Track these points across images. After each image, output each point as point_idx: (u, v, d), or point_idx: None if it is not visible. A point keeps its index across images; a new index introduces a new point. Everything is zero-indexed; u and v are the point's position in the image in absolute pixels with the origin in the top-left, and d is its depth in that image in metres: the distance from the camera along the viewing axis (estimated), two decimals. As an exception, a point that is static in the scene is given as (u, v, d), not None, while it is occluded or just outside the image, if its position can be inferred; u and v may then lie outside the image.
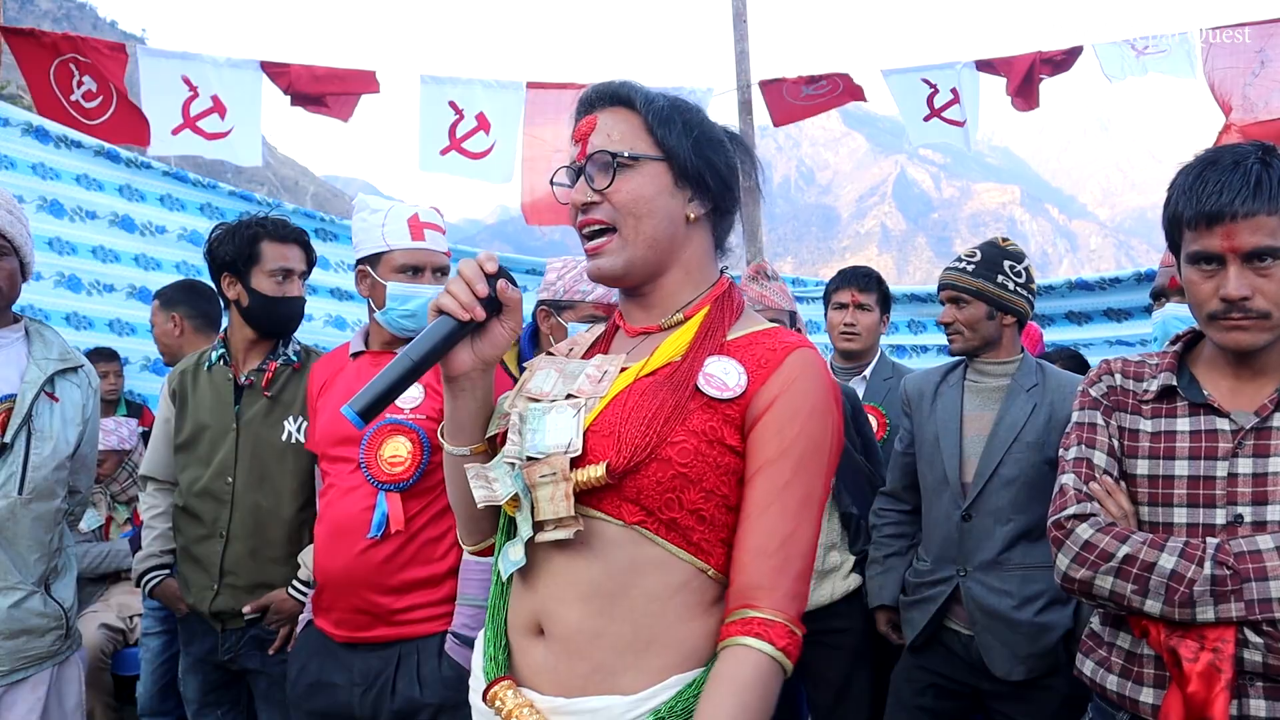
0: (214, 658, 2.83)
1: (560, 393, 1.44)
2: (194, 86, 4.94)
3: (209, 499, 2.79)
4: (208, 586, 2.77)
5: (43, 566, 2.43)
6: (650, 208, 1.44)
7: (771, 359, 1.40)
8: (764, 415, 1.36)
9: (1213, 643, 1.54)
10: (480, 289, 1.37)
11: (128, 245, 5.09)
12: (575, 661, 1.35)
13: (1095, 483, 1.74)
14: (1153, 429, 1.72)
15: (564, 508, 1.32)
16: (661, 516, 1.34)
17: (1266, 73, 4.78)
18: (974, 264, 2.80)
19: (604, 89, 1.49)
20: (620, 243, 1.44)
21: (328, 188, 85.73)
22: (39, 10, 50.59)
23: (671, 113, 1.46)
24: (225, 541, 2.75)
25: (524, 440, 1.39)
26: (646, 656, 1.33)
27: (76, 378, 2.54)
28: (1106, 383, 1.82)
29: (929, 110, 5.52)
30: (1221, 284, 1.60)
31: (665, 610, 1.34)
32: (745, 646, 1.29)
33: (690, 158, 1.46)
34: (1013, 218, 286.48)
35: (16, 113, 4.87)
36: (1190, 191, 1.63)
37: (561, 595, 1.37)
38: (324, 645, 2.40)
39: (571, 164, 1.49)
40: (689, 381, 1.38)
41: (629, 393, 1.39)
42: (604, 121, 1.47)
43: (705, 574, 1.37)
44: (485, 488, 1.39)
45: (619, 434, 1.34)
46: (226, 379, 2.86)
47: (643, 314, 1.53)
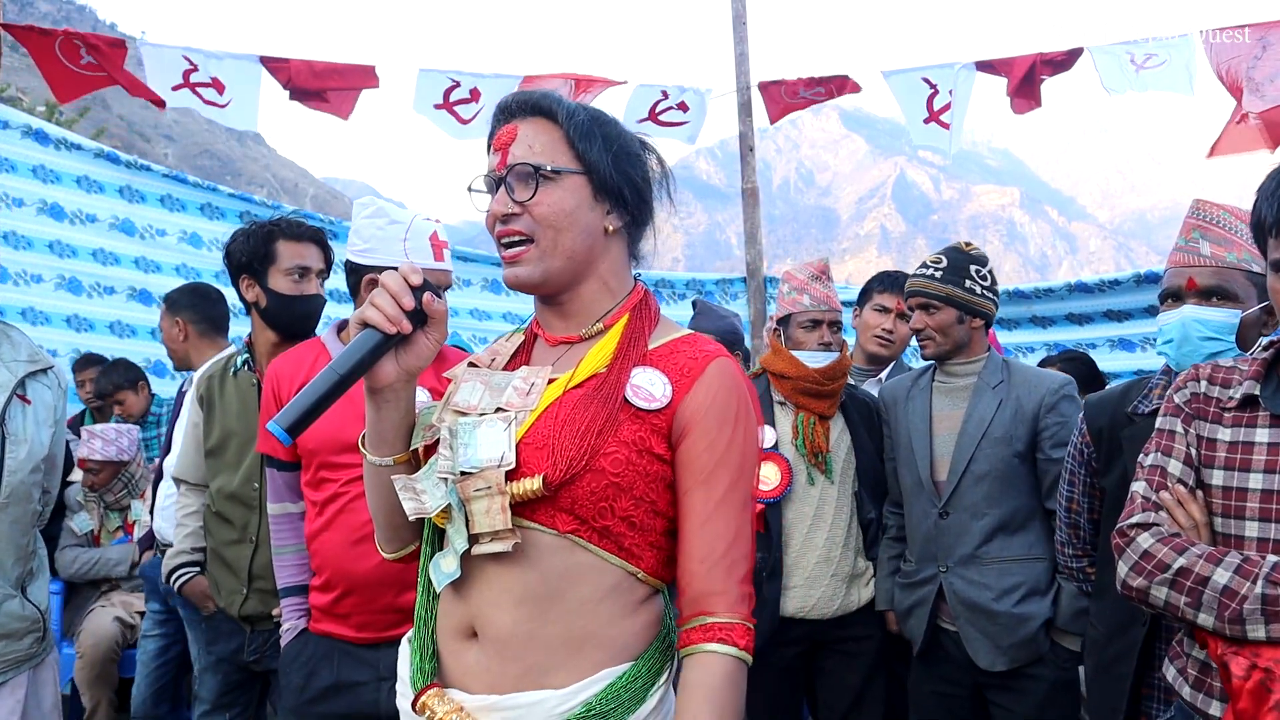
0: (237, 658, 2.85)
1: (489, 405, 1.45)
2: (194, 65, 4.94)
3: (239, 504, 2.81)
4: (237, 590, 2.79)
5: (19, 569, 2.41)
6: (570, 220, 1.45)
7: (693, 368, 1.45)
8: (692, 428, 1.42)
9: (1266, 661, 1.49)
10: (406, 302, 1.38)
11: (128, 248, 5.09)
12: (508, 663, 1.38)
13: (1166, 491, 1.68)
14: (1230, 439, 1.66)
15: (500, 520, 1.35)
16: (595, 525, 1.38)
17: (1268, 56, 4.79)
18: (941, 270, 2.83)
19: (525, 99, 1.49)
20: (538, 253, 1.45)
21: (327, 189, 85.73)
22: (38, 12, 50.66)
23: (592, 126, 1.48)
24: (255, 546, 2.77)
25: (456, 455, 1.40)
26: (579, 655, 1.38)
27: (47, 379, 2.52)
28: (1191, 389, 1.75)
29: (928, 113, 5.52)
30: None
31: (597, 612, 1.39)
32: (712, 653, 1.37)
33: (610, 172, 1.48)
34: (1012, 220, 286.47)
35: (17, 115, 4.88)
36: (1273, 197, 1.57)
37: (495, 600, 1.40)
38: (336, 649, 2.38)
39: (490, 173, 1.48)
40: (617, 393, 1.41)
41: (559, 405, 1.42)
42: (524, 132, 1.46)
43: (635, 577, 1.42)
44: (414, 500, 1.42)
45: (553, 446, 1.37)
46: (251, 384, 2.86)
47: (561, 323, 1.54)
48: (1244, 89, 4.79)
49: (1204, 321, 2.04)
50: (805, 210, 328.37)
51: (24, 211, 4.85)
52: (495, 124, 1.51)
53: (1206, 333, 2.04)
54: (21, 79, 22.23)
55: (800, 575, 2.94)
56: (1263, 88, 4.73)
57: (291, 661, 2.44)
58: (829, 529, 2.96)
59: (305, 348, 2.63)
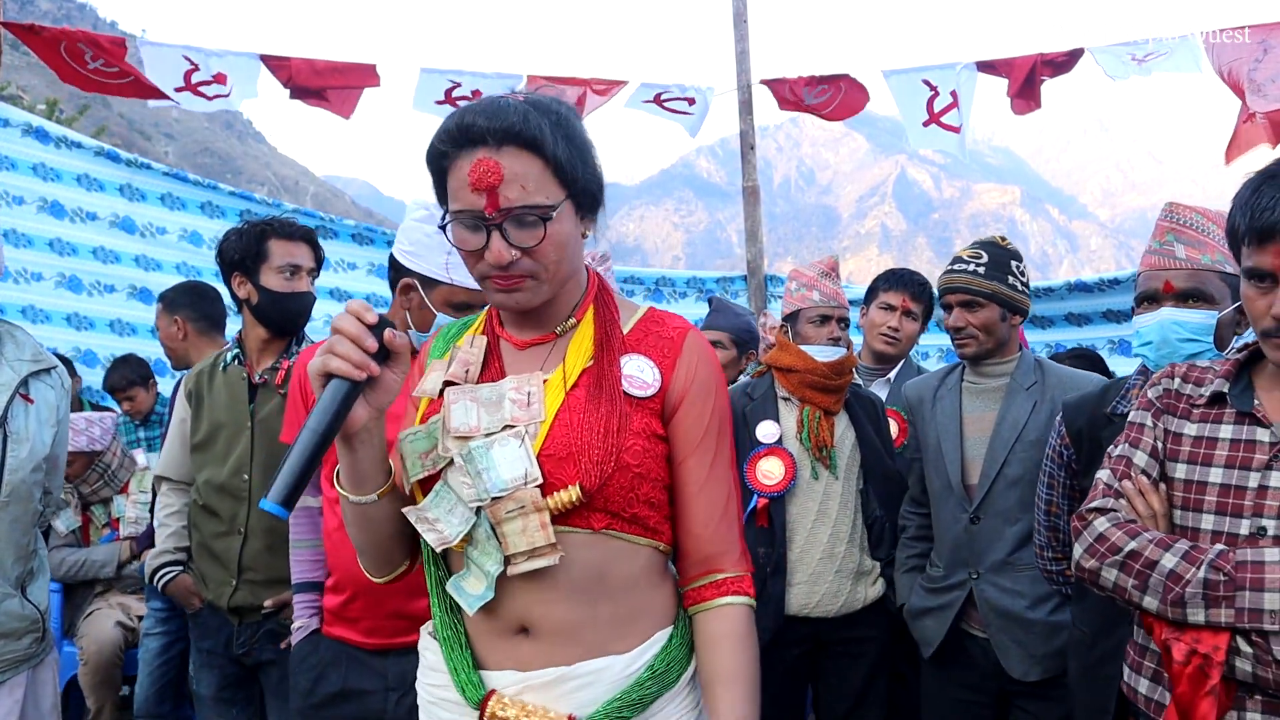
0: (228, 652, 2.86)
1: (492, 424, 1.43)
2: (195, 64, 4.95)
3: (227, 496, 2.83)
4: (226, 582, 2.80)
5: (19, 569, 2.41)
6: (568, 250, 1.44)
7: (671, 348, 1.52)
8: (682, 403, 1.50)
9: (1205, 647, 1.54)
10: (369, 344, 1.32)
11: (128, 246, 5.09)
12: (569, 646, 1.43)
13: (1129, 481, 1.74)
14: (1195, 434, 1.71)
15: (541, 537, 1.37)
16: (625, 515, 1.43)
17: (1270, 58, 4.78)
18: (984, 266, 2.72)
19: (500, 128, 1.35)
20: (538, 283, 1.43)
21: (328, 188, 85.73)
22: (38, 10, 50.63)
23: (568, 146, 1.40)
24: (244, 538, 2.79)
25: (479, 481, 1.39)
26: (631, 625, 1.46)
27: (50, 378, 2.52)
28: (1164, 385, 1.81)
29: (928, 115, 5.51)
30: (1274, 302, 1.57)
31: (638, 586, 1.47)
32: (731, 605, 1.51)
33: (586, 185, 1.45)
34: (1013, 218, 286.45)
35: (17, 113, 4.88)
36: (1246, 206, 1.60)
37: (543, 599, 1.42)
38: (345, 654, 2.37)
39: (476, 214, 1.37)
40: (617, 387, 1.46)
41: (568, 411, 1.43)
42: (511, 169, 1.35)
43: (658, 550, 1.51)
44: (432, 530, 1.41)
45: (578, 455, 1.39)
46: (241, 378, 2.90)
47: (532, 327, 1.53)
48: (1246, 90, 4.78)
49: (1182, 324, 2.07)
50: (806, 208, 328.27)
51: (24, 209, 4.85)
52: (462, 150, 1.37)
53: (1185, 334, 2.07)
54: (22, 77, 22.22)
55: (804, 571, 2.92)
56: (1264, 89, 4.73)
57: (300, 663, 2.43)
58: (833, 525, 2.94)
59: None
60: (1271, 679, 1.50)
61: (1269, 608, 1.50)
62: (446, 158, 1.40)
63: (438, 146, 1.41)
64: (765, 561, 2.92)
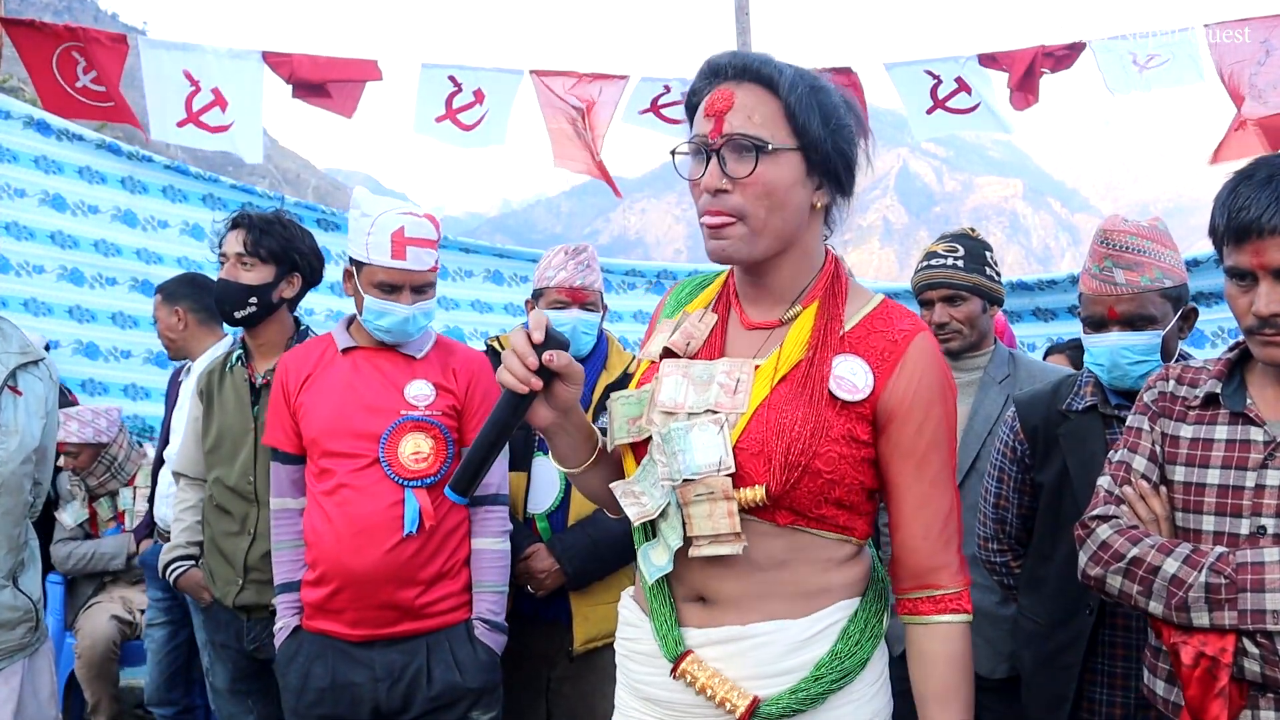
0: (240, 645, 2.88)
1: (696, 404, 1.46)
2: (195, 81, 4.93)
3: (238, 497, 2.83)
4: (233, 581, 2.82)
5: (11, 561, 2.43)
6: (783, 200, 1.42)
7: (893, 351, 1.45)
8: (900, 412, 1.44)
9: (1213, 649, 1.55)
10: (531, 362, 1.40)
11: (130, 239, 5.09)
12: (746, 613, 1.45)
13: (1129, 486, 1.75)
14: (1192, 435, 1.72)
15: (726, 525, 1.39)
16: (811, 515, 1.44)
17: (1272, 61, 4.77)
18: (962, 259, 2.73)
19: (742, 61, 1.41)
20: (746, 231, 1.42)
21: (330, 180, 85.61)
22: (40, 3, 50.54)
23: (811, 100, 1.40)
24: (253, 539, 2.80)
25: (673, 461, 1.43)
26: (813, 600, 1.46)
27: (38, 370, 2.53)
28: (1159, 389, 1.82)
29: (932, 102, 5.48)
30: (1255, 299, 1.59)
31: (823, 567, 1.47)
32: (949, 624, 1.48)
33: (827, 149, 1.43)
34: (1015, 211, 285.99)
35: (18, 106, 4.88)
36: (1224, 206, 1.62)
37: (721, 576, 1.45)
38: (330, 648, 2.39)
39: (701, 142, 1.42)
40: (822, 389, 1.43)
41: (767, 408, 1.43)
42: (742, 100, 1.39)
43: (850, 542, 1.50)
44: (635, 504, 1.46)
45: (769, 455, 1.40)
46: (244, 380, 2.90)
47: (757, 308, 1.54)
48: (1246, 96, 4.78)
49: (1130, 348, 2.13)
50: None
51: (26, 202, 4.85)
52: (704, 83, 1.44)
53: (1134, 358, 2.13)
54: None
55: None
56: (1265, 94, 4.72)
57: (288, 661, 2.45)
58: None
59: (315, 342, 2.65)
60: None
61: (1271, 608, 1.50)
62: (697, 94, 1.46)
63: (692, 88, 1.47)
64: None
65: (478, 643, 2.41)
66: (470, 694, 2.38)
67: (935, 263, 2.76)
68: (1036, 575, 2.34)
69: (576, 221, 68.90)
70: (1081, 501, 1.86)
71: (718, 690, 1.42)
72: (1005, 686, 2.56)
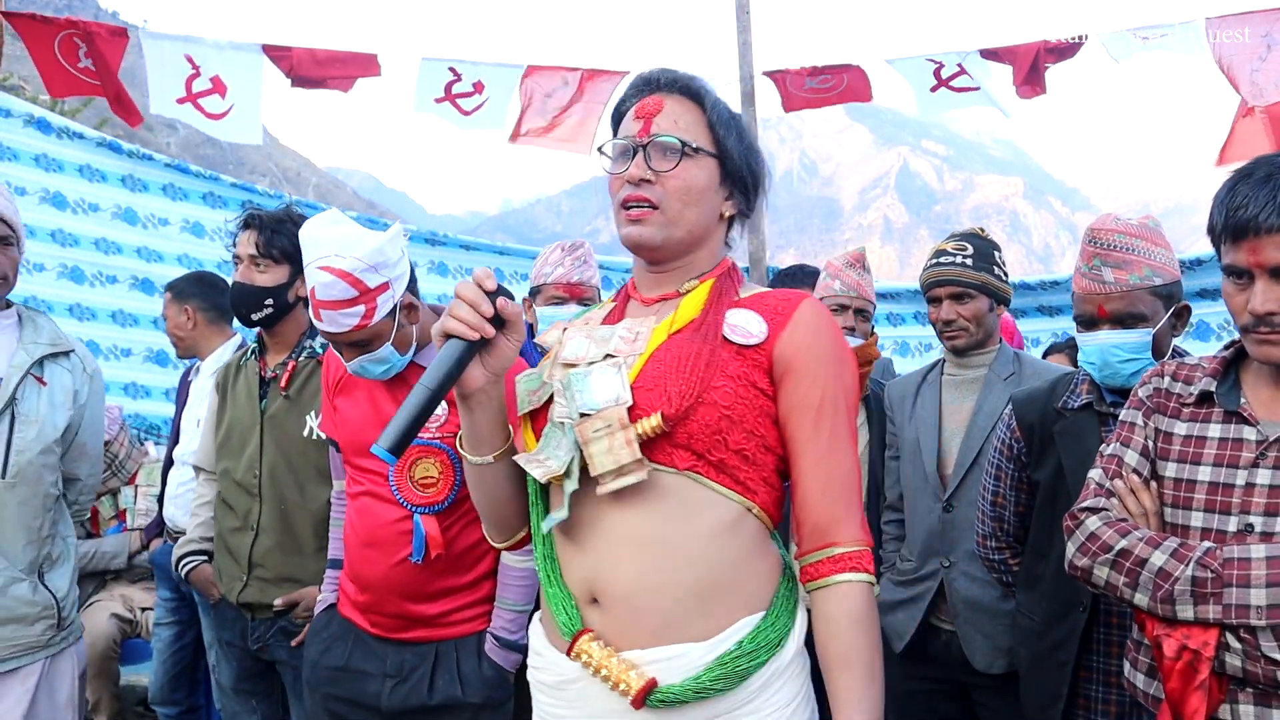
0: (245, 644, 2.88)
1: (597, 354, 1.52)
2: (196, 66, 4.94)
3: (243, 492, 2.84)
4: (237, 577, 2.82)
5: (32, 553, 2.41)
6: (698, 198, 1.54)
7: (785, 307, 1.52)
8: (797, 365, 1.48)
9: (1195, 643, 1.56)
10: (485, 309, 1.42)
11: (130, 237, 5.10)
12: (641, 617, 1.41)
13: (1120, 480, 1.76)
14: (1185, 433, 1.74)
15: (626, 454, 1.39)
16: (711, 458, 1.43)
17: (1273, 56, 4.77)
18: (970, 257, 2.74)
19: (674, 77, 1.57)
20: (663, 220, 1.52)
21: (330, 179, 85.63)
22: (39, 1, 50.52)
23: (730, 117, 1.58)
24: (255, 534, 2.80)
25: (572, 401, 1.46)
26: (710, 603, 1.42)
27: (68, 362, 2.54)
28: (1154, 385, 1.83)
29: (936, 81, 5.48)
30: (1251, 298, 1.59)
31: (721, 553, 1.43)
32: (850, 582, 1.44)
33: (740, 161, 1.58)
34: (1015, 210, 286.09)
35: (19, 104, 4.88)
36: (1222, 204, 1.63)
37: (616, 553, 1.43)
38: (352, 632, 2.41)
39: (630, 140, 1.54)
40: (716, 332, 1.49)
41: (664, 350, 1.49)
42: (671, 107, 1.55)
43: (751, 512, 1.47)
44: (540, 466, 1.46)
45: (665, 386, 1.43)
46: (255, 373, 2.92)
47: (657, 287, 1.62)
48: (1245, 89, 4.77)
49: (1120, 346, 2.15)
50: (808, 200, 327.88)
51: (26, 200, 4.85)
52: (637, 92, 1.59)
53: (1125, 356, 2.15)
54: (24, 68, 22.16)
55: None
56: (1265, 91, 4.72)
57: (315, 634, 2.49)
58: None
59: None
60: (1261, 673, 1.52)
61: (1255, 603, 1.52)
62: (626, 102, 1.60)
63: (623, 97, 1.61)
64: None
65: (485, 658, 2.36)
66: (470, 708, 2.34)
67: (944, 260, 2.77)
68: (1033, 572, 2.35)
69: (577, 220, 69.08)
70: (1077, 498, 1.87)
71: (613, 670, 1.40)
72: (1002, 682, 2.58)
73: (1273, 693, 1.53)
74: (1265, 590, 1.51)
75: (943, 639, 2.69)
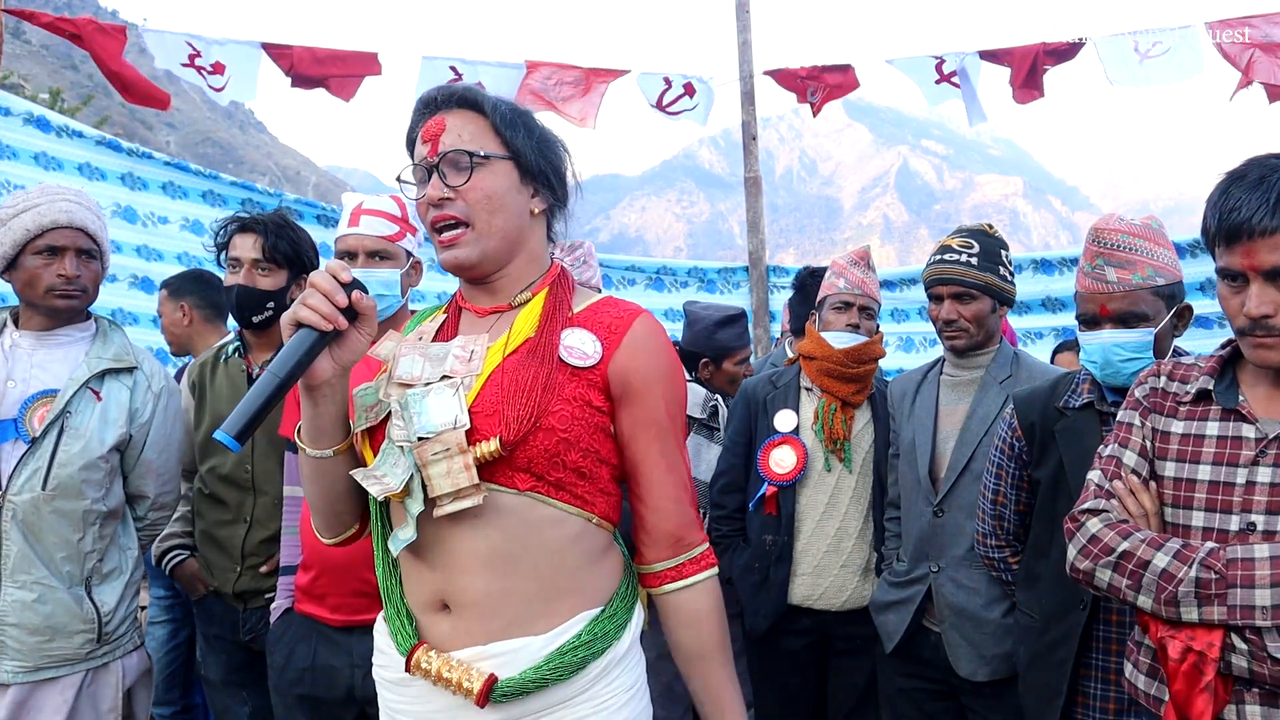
0: (234, 637, 2.91)
1: (432, 375, 1.52)
2: (197, 50, 5.00)
3: (233, 486, 2.87)
4: (230, 569, 2.86)
5: (72, 567, 2.40)
6: (502, 203, 1.54)
7: (619, 325, 1.56)
8: (635, 384, 1.53)
9: (1200, 645, 1.55)
10: (340, 299, 1.41)
11: (130, 236, 5.08)
12: (488, 620, 1.46)
13: (1120, 481, 1.76)
14: (1183, 431, 1.73)
15: (465, 478, 1.42)
16: (549, 479, 1.47)
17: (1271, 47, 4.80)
18: (976, 256, 2.68)
19: (449, 92, 1.58)
20: (474, 235, 1.53)
21: (330, 178, 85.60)
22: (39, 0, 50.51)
23: (514, 116, 1.58)
24: (249, 526, 2.84)
25: (410, 424, 1.46)
26: (554, 603, 1.49)
27: (129, 379, 2.54)
28: (1151, 384, 1.83)
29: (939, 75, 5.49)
30: (1246, 300, 1.59)
31: (565, 561, 1.49)
32: (712, 578, 1.59)
33: (535, 157, 1.58)
34: (1015, 209, 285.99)
35: (18, 102, 4.86)
36: (1215, 207, 1.63)
37: (463, 566, 1.47)
38: (314, 630, 2.43)
39: (421, 162, 1.55)
40: (552, 354, 1.51)
41: (501, 371, 1.50)
42: (453, 123, 1.54)
43: (591, 522, 1.53)
44: (378, 483, 1.47)
45: (503, 411, 1.45)
46: (241, 370, 2.95)
47: (489, 297, 1.63)
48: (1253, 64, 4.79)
49: (1122, 345, 2.15)
50: (808, 199, 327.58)
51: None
52: (419, 118, 1.59)
53: (1126, 355, 2.15)
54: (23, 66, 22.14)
55: (809, 563, 2.91)
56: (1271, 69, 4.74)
57: (276, 641, 2.50)
58: (841, 519, 2.92)
59: None
60: (1267, 674, 1.51)
61: (1260, 604, 1.51)
62: (414, 129, 1.59)
63: (410, 125, 1.61)
64: (771, 549, 2.91)
65: None
66: None
67: (949, 258, 2.71)
68: (1032, 571, 2.34)
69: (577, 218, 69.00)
70: (1077, 498, 1.87)
71: (453, 674, 1.44)
72: (988, 689, 2.56)
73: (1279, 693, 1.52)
74: (1270, 590, 1.50)
75: (932, 641, 2.67)
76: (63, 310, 2.48)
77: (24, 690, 2.35)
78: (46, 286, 2.44)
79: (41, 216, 2.43)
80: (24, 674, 2.34)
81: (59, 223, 2.45)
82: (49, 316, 2.50)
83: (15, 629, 2.33)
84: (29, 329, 2.50)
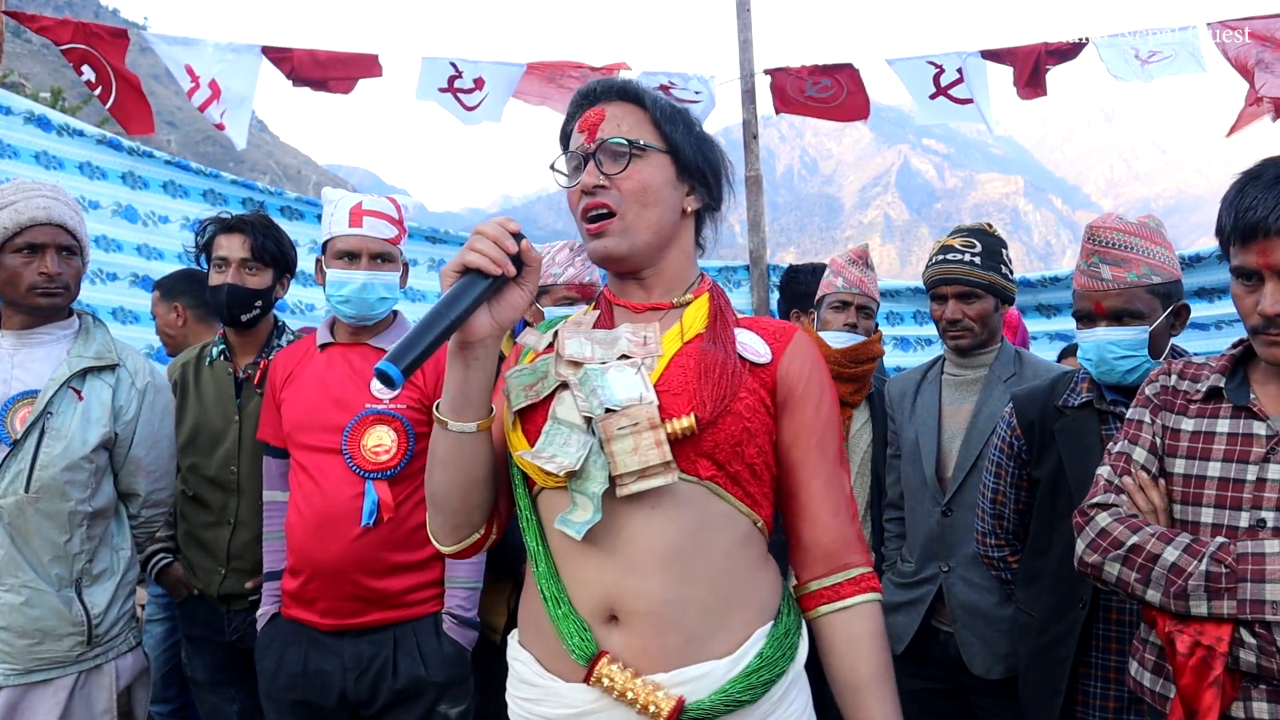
0: (219, 638, 2.90)
1: (607, 356, 1.47)
2: (195, 77, 4.97)
3: (217, 488, 2.86)
4: (215, 570, 2.85)
5: (61, 569, 2.38)
6: (656, 196, 1.51)
7: (784, 333, 1.55)
8: (799, 391, 1.50)
9: (1208, 639, 1.56)
10: (509, 245, 1.37)
11: (130, 235, 5.09)
12: (667, 635, 1.37)
13: (1129, 477, 1.76)
14: (1193, 429, 1.74)
15: (655, 455, 1.35)
16: (729, 470, 1.42)
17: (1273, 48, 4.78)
18: (979, 255, 2.68)
19: (610, 84, 1.55)
20: (622, 226, 1.49)
21: (330, 176, 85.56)
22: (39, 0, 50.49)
23: (674, 112, 1.55)
24: (233, 528, 2.84)
25: (593, 396, 1.40)
26: (728, 616, 1.41)
27: (111, 376, 2.51)
28: (1161, 382, 1.84)
29: (935, 88, 5.48)
30: (1260, 299, 1.60)
31: (735, 566, 1.43)
32: (873, 602, 1.50)
33: (693, 154, 1.55)
34: (1016, 208, 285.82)
35: (18, 101, 4.86)
36: (1231, 206, 1.64)
37: (636, 566, 1.38)
38: (304, 635, 2.42)
39: (578, 149, 1.53)
40: (732, 346, 1.48)
41: (684, 354, 1.46)
42: (612, 113, 1.52)
43: (756, 526, 1.48)
44: (549, 462, 1.38)
45: (696, 390, 1.40)
46: (227, 373, 2.94)
47: (644, 293, 1.58)
48: (1254, 73, 4.77)
49: (1117, 343, 2.16)
50: (809, 198, 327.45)
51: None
52: (577, 108, 1.57)
53: (1121, 352, 2.16)
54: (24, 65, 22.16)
55: None
56: (1274, 67, 4.72)
57: (265, 647, 2.50)
58: None
59: (303, 341, 2.71)
60: (1276, 669, 1.51)
61: (1270, 599, 1.51)
62: (571, 120, 1.58)
63: (567, 117, 1.59)
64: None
65: (445, 637, 2.44)
66: (435, 687, 2.41)
67: (952, 257, 2.71)
68: (1032, 570, 2.35)
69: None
70: (1077, 496, 1.88)
71: (639, 693, 1.34)
72: (1001, 687, 2.56)
73: None
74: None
75: (942, 640, 2.68)
76: (45, 309, 2.46)
77: (16, 693, 2.34)
78: (28, 285, 2.40)
79: (19, 214, 2.38)
80: (15, 676, 2.34)
81: (37, 220, 2.39)
82: (30, 315, 2.47)
83: (4, 632, 2.33)
84: (10, 329, 2.48)
